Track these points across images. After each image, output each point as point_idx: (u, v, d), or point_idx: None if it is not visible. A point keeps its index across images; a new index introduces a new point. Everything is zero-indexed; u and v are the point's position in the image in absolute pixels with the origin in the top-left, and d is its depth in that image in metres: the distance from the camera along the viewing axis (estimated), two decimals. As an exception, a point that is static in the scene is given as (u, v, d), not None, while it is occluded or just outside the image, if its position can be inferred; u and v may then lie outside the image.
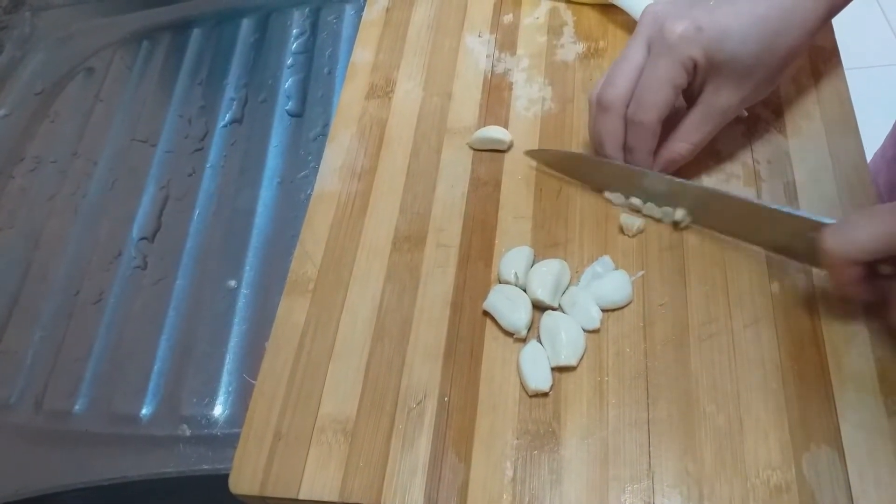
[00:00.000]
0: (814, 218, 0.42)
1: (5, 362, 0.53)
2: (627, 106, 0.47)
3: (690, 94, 0.48)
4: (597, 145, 0.50)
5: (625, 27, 0.60)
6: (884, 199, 0.70)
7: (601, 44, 0.59)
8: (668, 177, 0.48)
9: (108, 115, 0.66)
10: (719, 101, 0.47)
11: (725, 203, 0.46)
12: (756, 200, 0.45)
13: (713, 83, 0.46)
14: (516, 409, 0.43)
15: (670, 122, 0.48)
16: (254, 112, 0.64)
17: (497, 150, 0.54)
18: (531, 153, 0.52)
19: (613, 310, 0.45)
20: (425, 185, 0.53)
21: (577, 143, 0.53)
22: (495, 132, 0.53)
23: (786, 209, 0.44)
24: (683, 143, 0.48)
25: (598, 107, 0.48)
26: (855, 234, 0.39)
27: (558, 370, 0.44)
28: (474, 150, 0.54)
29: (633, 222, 0.48)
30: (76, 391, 0.50)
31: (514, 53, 0.59)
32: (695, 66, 0.45)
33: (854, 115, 0.52)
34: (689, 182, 0.48)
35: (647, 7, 0.48)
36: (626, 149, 0.48)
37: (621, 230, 0.49)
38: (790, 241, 0.44)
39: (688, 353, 0.43)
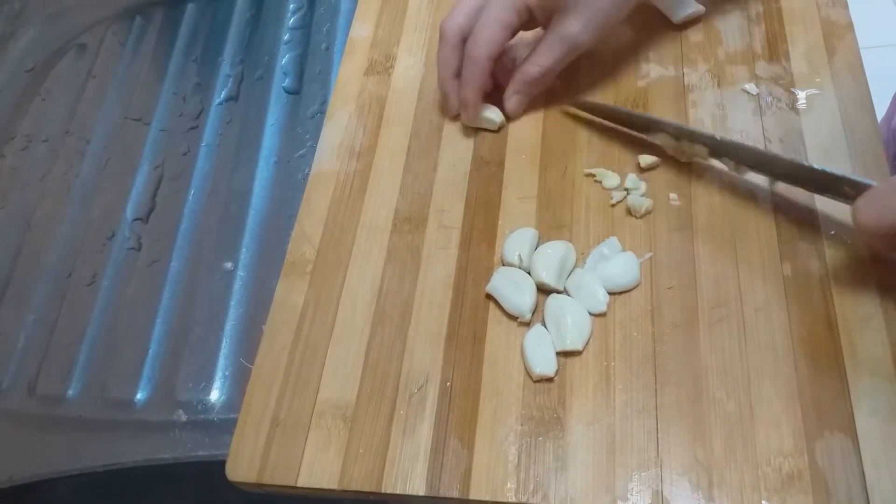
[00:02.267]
0: (854, 178, 0.42)
1: (-3, 346, 0.52)
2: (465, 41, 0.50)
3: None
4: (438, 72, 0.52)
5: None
6: (892, 171, 0.69)
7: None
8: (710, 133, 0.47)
9: (101, 92, 0.64)
10: (564, 29, 0.50)
11: (762, 158, 0.46)
12: (799, 160, 0.45)
13: (558, 14, 0.50)
14: (520, 394, 0.42)
15: None
16: (250, 89, 0.62)
17: (488, 130, 0.52)
18: (576, 103, 0.53)
19: (620, 293, 0.44)
20: (426, 164, 0.51)
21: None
22: (486, 111, 0.52)
23: (824, 168, 0.43)
24: (534, 66, 0.51)
25: (440, 35, 0.51)
26: (887, 206, 0.39)
27: (563, 355, 0.42)
28: (473, 128, 0.53)
29: (642, 203, 0.47)
30: (69, 376, 0.49)
31: (517, 28, 0.58)
32: (528, 9, 0.49)
33: (869, 91, 0.51)
34: (727, 138, 0.47)
35: None
36: (461, 81, 0.51)
37: (628, 211, 0.47)
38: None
39: (697, 338, 0.42)
